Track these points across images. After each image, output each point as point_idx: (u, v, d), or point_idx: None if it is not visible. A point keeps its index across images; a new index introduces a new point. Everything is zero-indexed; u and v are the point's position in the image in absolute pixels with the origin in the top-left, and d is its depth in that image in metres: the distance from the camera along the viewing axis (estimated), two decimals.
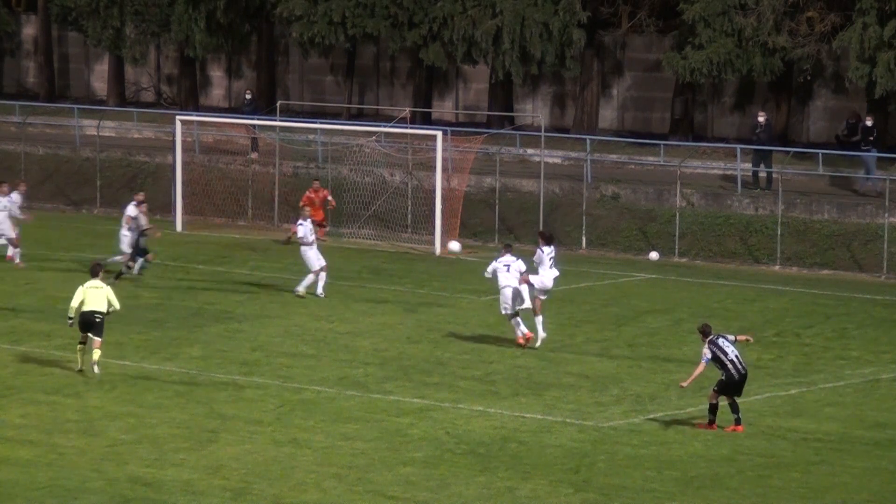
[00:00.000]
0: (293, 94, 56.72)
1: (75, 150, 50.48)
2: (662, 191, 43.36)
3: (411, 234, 43.10)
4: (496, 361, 29.37)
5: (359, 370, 28.57)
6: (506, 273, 30.09)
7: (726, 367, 24.54)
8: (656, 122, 51.85)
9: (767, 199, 42.32)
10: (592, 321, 33.35)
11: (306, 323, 32.50)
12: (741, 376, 24.59)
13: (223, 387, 27.13)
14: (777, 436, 24.77)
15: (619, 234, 42.76)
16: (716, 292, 37.00)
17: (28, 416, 25.06)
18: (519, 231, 43.60)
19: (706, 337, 24.88)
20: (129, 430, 24.31)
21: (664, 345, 31.16)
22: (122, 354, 29.35)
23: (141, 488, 21.59)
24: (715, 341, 24.77)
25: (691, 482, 22.34)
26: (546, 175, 43.82)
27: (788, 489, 22.13)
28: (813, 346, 31.31)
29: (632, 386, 27.75)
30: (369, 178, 44.89)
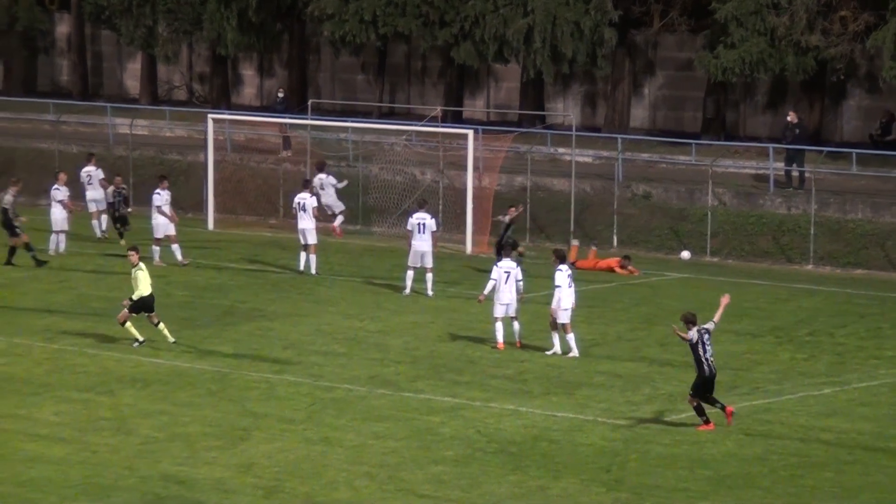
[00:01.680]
0: (324, 93, 56.78)
1: (108, 148, 50.65)
2: (694, 190, 43.24)
3: (442, 233, 43.10)
4: (527, 360, 29.34)
5: (390, 369, 28.58)
6: (503, 284, 29.84)
7: (701, 364, 24.65)
8: (688, 121, 51.71)
9: (800, 199, 42.15)
10: (624, 320, 33.28)
11: (337, 321, 32.53)
12: (711, 375, 24.75)
13: (255, 385, 27.19)
14: (810, 436, 24.68)
15: (650, 233, 42.67)
16: (748, 292, 36.87)
17: (62, 414, 25.17)
18: (550, 230, 43.54)
19: (692, 325, 25.05)
20: (161, 429, 24.38)
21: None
22: (155, 352, 29.44)
23: (174, 486, 21.66)
24: (702, 335, 24.92)
25: (723, 481, 22.28)
26: (577, 174, 43.75)
27: (821, 489, 22.04)
28: (846, 345, 31.18)
29: (663, 385, 27.68)
30: (400, 177, 44.88)
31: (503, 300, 29.86)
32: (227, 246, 41.66)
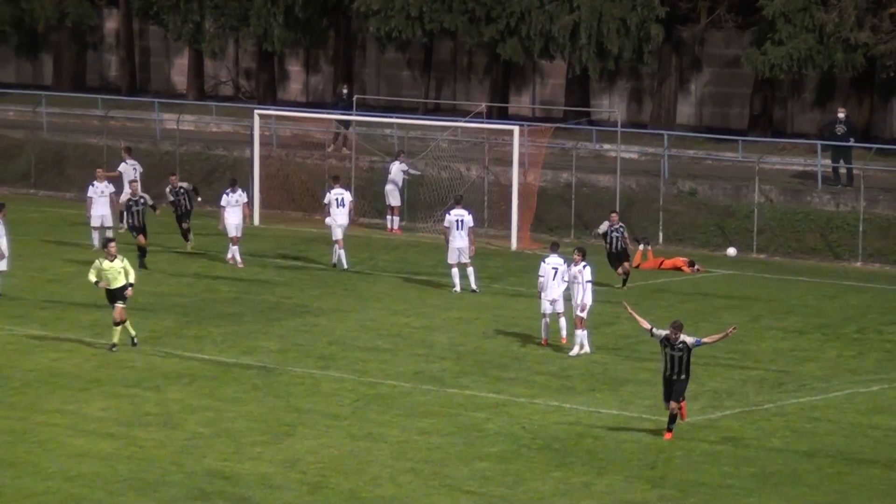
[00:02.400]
0: (370, 89, 56.85)
1: (156, 143, 50.90)
2: (741, 186, 43.06)
3: (487, 229, 43.09)
4: (572, 356, 29.29)
5: (435, 365, 28.60)
6: (551, 280, 29.82)
7: (664, 359, 23.87)
8: (735, 117, 51.48)
9: (849, 196, 41.89)
10: (669, 317, 33.09)
11: (382, 317, 32.58)
12: (674, 377, 23.66)
13: (300, 381, 27.26)
14: (858, 433, 24.53)
15: (696, 229, 42.51)
16: (795, 288, 36.69)
17: (109, 410, 25.32)
18: (595, 227, 43.43)
19: (679, 330, 23.69)
20: (207, 424, 24.48)
21: (742, 340, 30.94)
22: (201, 348, 29.57)
23: (219, 481, 21.75)
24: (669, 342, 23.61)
25: (769, 479, 22.18)
26: (622, 170, 43.63)
27: (869, 486, 21.91)
28: (895, 342, 30.98)
29: (708, 382, 27.58)
30: (446, 173, 44.90)
31: (550, 296, 29.84)
32: (273, 241, 41.77)
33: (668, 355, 23.90)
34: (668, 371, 23.93)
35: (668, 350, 23.86)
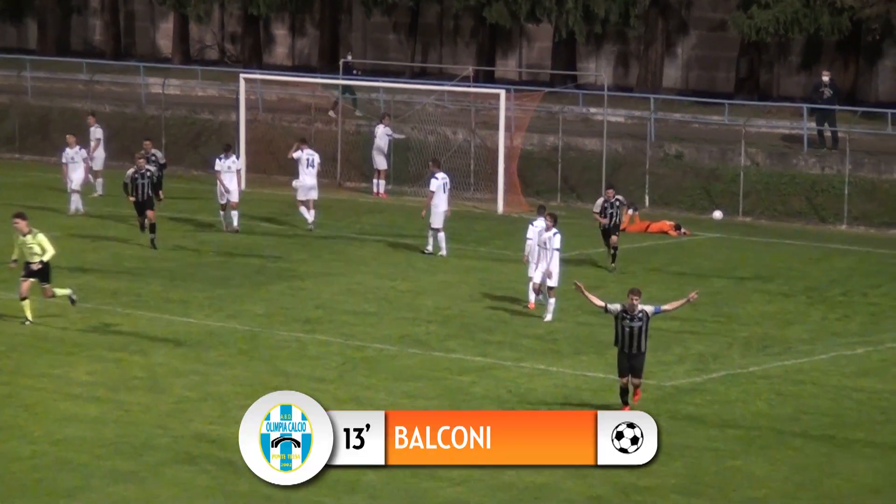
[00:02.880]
0: (356, 53, 56.69)
1: (141, 107, 50.76)
2: (727, 150, 43.07)
3: (473, 193, 43.08)
4: (558, 320, 29.34)
5: (421, 328, 28.63)
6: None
7: (620, 333, 22.74)
8: (721, 81, 51.45)
9: (834, 159, 41.93)
10: (655, 280, 33.22)
11: (368, 281, 32.59)
12: (633, 352, 22.73)
13: (286, 344, 27.28)
14: (843, 395, 24.62)
15: (682, 193, 42.53)
16: (780, 252, 36.76)
17: (95, 374, 25.32)
18: (582, 190, 43.45)
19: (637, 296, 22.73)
20: (193, 388, 24.50)
21: (727, 304, 31.02)
22: (187, 312, 29.56)
23: (205, 445, 21.77)
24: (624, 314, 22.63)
25: (754, 441, 22.26)
26: (609, 134, 43.61)
27: (853, 449, 22.00)
28: (880, 305, 31.06)
29: (694, 345, 27.65)
30: (432, 137, 44.85)
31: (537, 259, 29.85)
32: (259, 205, 41.72)
33: (625, 328, 22.57)
34: (626, 346, 22.66)
35: (626, 322, 22.55)
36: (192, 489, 20.04)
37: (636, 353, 22.79)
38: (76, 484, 20.03)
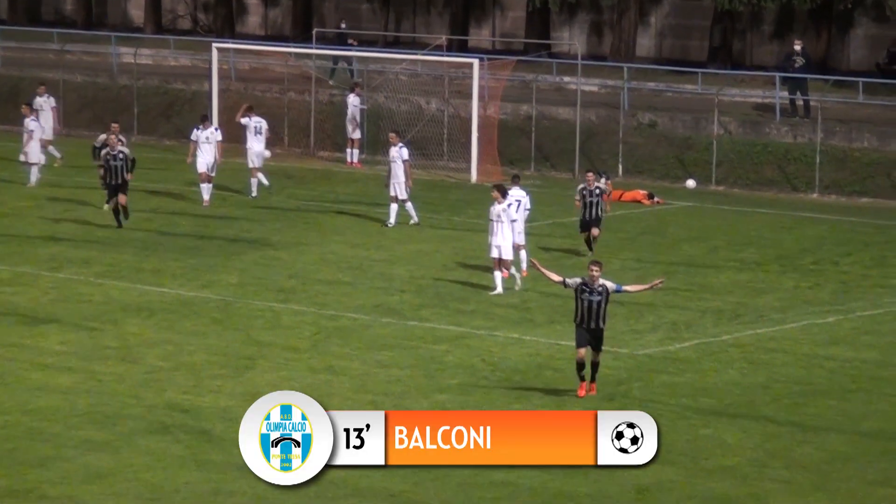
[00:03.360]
0: (329, 22, 56.53)
1: (113, 77, 50.53)
2: (700, 119, 43.13)
3: (447, 162, 43.07)
4: (531, 289, 29.39)
5: (394, 297, 28.65)
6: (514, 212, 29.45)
7: (579, 307, 21.99)
8: (694, 49, 51.47)
9: (806, 128, 42.04)
10: (629, 249, 33.30)
11: (342, 250, 32.58)
12: (592, 326, 21.97)
13: (260, 314, 27.26)
14: (814, 364, 24.75)
15: (655, 161, 42.60)
16: (753, 220, 36.87)
17: (67, 344, 25.27)
18: (555, 159, 43.47)
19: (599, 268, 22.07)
20: (166, 358, 24.48)
21: (700, 272, 31.12)
22: (160, 282, 29.52)
23: (179, 415, 21.77)
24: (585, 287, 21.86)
25: (726, 410, 22.36)
26: (583, 103, 43.62)
27: (824, 417, 22.12)
28: (851, 273, 31.21)
29: (667, 313, 27.74)
30: (405, 106, 44.79)
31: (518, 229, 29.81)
32: (231, 175, 41.62)
33: (585, 301, 21.87)
34: (586, 320, 21.93)
35: (585, 295, 21.85)
36: (165, 458, 20.05)
37: (595, 327, 21.99)
38: (49, 454, 20.01)
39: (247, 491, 19.05)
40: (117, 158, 33.95)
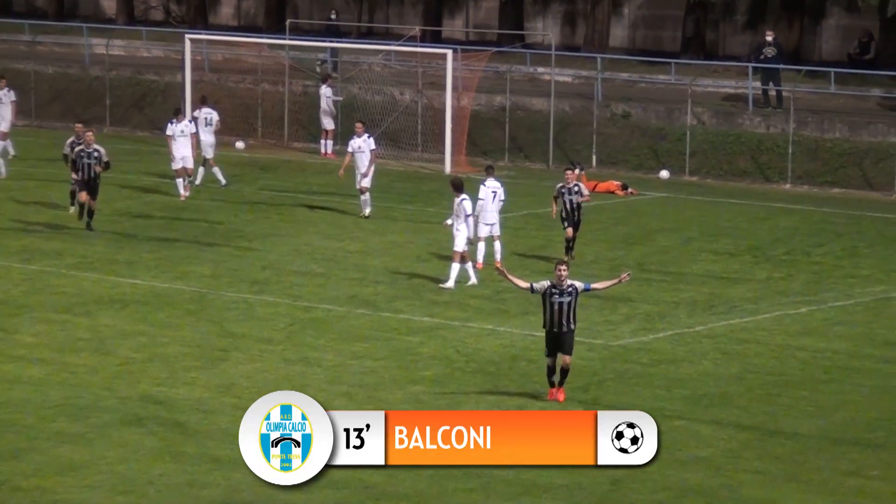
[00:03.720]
0: (302, 13, 56.43)
1: (85, 68, 50.35)
2: (673, 109, 43.21)
3: (421, 153, 43.06)
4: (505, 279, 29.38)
5: (369, 289, 28.64)
6: (490, 203, 29.57)
7: (547, 311, 21.46)
8: (667, 40, 51.56)
9: (779, 118, 42.16)
10: (602, 240, 33.35)
11: (316, 242, 32.55)
12: (562, 329, 21.43)
13: (234, 305, 27.22)
14: (786, 354, 24.84)
15: (629, 152, 42.67)
16: (726, 210, 36.96)
17: (40, 335, 25.18)
18: (529, 150, 43.50)
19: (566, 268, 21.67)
20: (140, 349, 24.43)
21: (674, 263, 31.20)
22: (133, 273, 29.44)
23: (153, 406, 21.73)
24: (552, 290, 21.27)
25: (700, 400, 22.43)
26: (556, 93, 43.65)
27: (797, 408, 22.21)
28: (823, 264, 31.33)
29: (641, 304, 27.79)
30: (379, 97, 44.76)
31: (488, 220, 29.86)
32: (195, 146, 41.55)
33: (554, 304, 21.25)
34: (556, 324, 21.34)
35: (554, 298, 21.24)
36: (139, 450, 20.01)
37: (566, 331, 21.38)
38: (21, 445, 19.95)
39: (221, 483, 19.03)
40: (91, 156, 32.51)
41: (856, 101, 43.49)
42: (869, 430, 21.30)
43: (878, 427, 21.39)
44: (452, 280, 28.55)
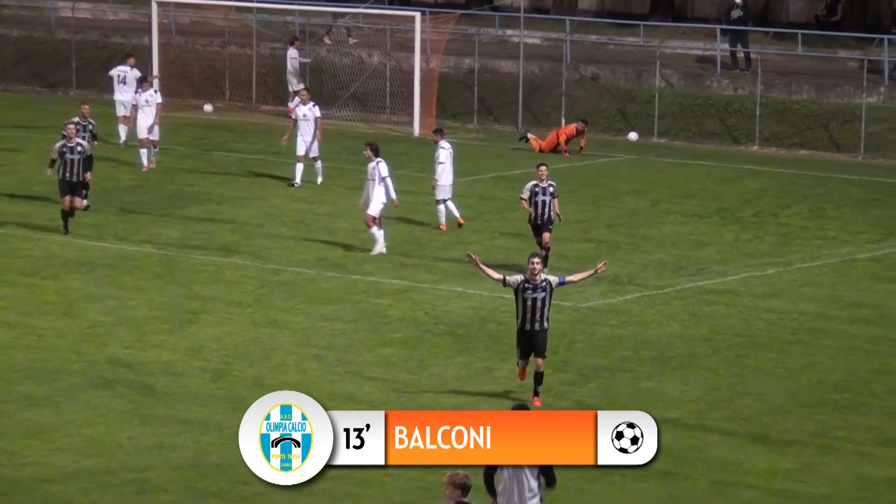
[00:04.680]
0: None
1: (50, 31, 49.97)
2: (642, 71, 43.20)
3: (389, 116, 42.97)
4: (475, 242, 29.43)
5: (338, 251, 28.62)
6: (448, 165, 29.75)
7: (520, 308, 20.17)
8: (636, 2, 51.47)
9: (747, 80, 42.20)
10: (571, 202, 33.36)
11: (285, 205, 32.48)
12: (535, 328, 20.16)
13: (202, 268, 27.17)
14: (754, 316, 24.95)
15: (598, 114, 42.66)
16: (694, 172, 37.03)
17: (6, 298, 25.10)
18: (498, 112, 43.45)
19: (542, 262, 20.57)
20: (108, 312, 24.37)
21: (642, 225, 31.27)
22: (101, 236, 29.33)
23: (121, 370, 21.70)
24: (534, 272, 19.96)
25: (668, 362, 22.52)
26: (525, 56, 43.58)
27: (764, 369, 22.33)
28: (790, 226, 31.44)
29: (610, 266, 27.77)
30: (347, 60, 44.60)
31: (448, 181, 29.90)
32: (173, 130, 41.35)
33: (527, 300, 19.96)
34: (528, 321, 20.06)
35: (528, 293, 19.93)
36: (107, 413, 19.99)
37: (539, 329, 20.06)
38: None
39: (190, 445, 19.04)
40: (74, 151, 28.94)
41: (823, 62, 43.56)
42: (835, 391, 21.44)
43: (844, 388, 21.53)
44: (381, 243, 28.15)
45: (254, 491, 17.48)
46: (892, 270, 27.84)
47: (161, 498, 17.53)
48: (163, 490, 17.72)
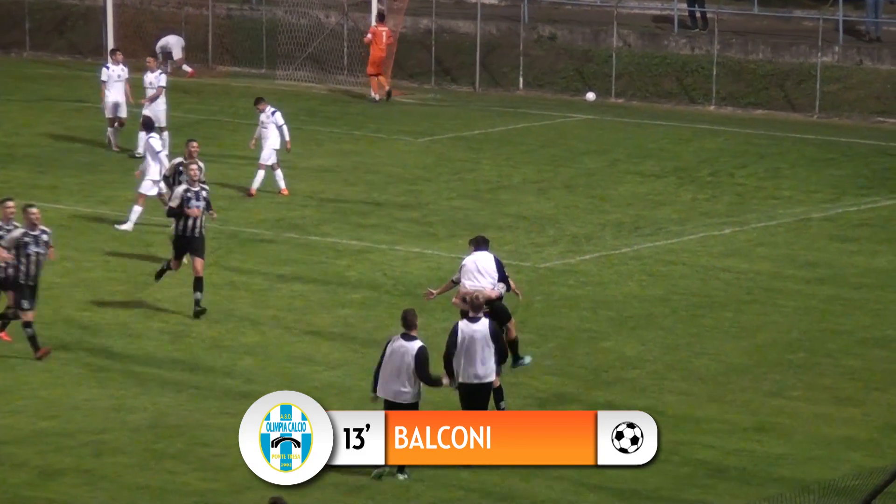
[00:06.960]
0: None
1: None
2: (599, 31, 43.19)
3: (347, 76, 42.82)
4: (432, 203, 29.44)
5: (296, 212, 28.57)
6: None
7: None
8: None
9: (703, 40, 42.26)
10: (529, 162, 33.41)
11: (242, 166, 32.35)
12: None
13: (159, 230, 27.05)
14: (710, 276, 25.07)
15: (556, 74, 42.65)
16: (652, 132, 37.10)
17: None
18: (456, 73, 43.37)
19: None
20: (64, 274, 24.26)
21: (600, 185, 31.34)
22: (57, 198, 29.17)
23: (77, 331, 21.63)
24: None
25: (626, 322, 22.62)
26: (483, 16, 43.48)
27: (721, 328, 22.46)
28: (746, 185, 31.58)
29: (568, 227, 27.92)
30: (304, 20, 44.40)
31: (275, 146, 29.67)
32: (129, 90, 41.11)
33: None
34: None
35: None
36: (64, 375, 19.93)
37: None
38: None
39: (148, 407, 19.02)
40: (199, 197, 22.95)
41: (778, 22, 43.65)
42: (790, 350, 21.59)
43: (800, 348, 21.69)
44: (131, 222, 26.98)
45: (212, 453, 17.49)
46: (846, 230, 28.03)
47: (118, 460, 17.51)
48: (120, 452, 17.70)
